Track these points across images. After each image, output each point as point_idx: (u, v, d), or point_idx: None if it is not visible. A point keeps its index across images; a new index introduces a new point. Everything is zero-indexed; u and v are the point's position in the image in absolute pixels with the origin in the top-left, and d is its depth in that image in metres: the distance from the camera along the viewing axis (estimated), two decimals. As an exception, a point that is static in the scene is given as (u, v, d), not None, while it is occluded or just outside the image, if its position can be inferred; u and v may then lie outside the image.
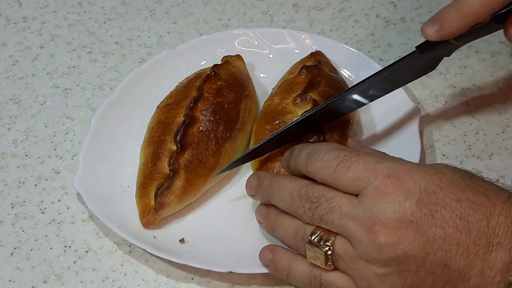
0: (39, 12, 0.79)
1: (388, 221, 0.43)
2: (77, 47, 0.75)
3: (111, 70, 0.73)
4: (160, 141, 0.59)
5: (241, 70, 0.66)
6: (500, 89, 0.68)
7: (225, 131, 0.59)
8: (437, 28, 0.52)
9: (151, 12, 0.79)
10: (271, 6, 0.79)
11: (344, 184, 0.46)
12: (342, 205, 0.45)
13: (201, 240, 0.56)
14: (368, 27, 0.76)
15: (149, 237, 0.56)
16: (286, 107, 0.60)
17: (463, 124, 0.65)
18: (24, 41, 0.76)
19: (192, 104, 0.60)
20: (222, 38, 0.71)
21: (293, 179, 0.50)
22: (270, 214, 0.53)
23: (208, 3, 0.80)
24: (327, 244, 0.46)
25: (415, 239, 0.43)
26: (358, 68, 0.67)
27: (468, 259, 0.42)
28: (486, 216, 0.43)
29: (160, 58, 0.68)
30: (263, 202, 0.54)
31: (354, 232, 0.44)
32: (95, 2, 0.80)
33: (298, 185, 0.49)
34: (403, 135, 0.61)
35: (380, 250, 0.43)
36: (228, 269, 0.53)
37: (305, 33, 0.71)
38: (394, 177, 0.44)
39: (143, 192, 0.57)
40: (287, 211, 0.50)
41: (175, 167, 0.57)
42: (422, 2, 0.78)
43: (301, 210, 0.48)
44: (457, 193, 0.43)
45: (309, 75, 0.62)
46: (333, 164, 0.47)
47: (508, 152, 0.63)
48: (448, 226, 0.42)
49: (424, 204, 0.43)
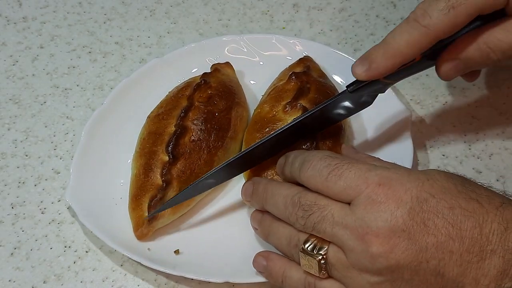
0: (39, 12, 0.79)
1: (379, 230, 0.43)
2: (77, 47, 0.75)
3: (111, 70, 0.73)
4: (151, 152, 0.58)
5: (231, 78, 0.66)
6: (500, 89, 0.68)
7: (217, 140, 0.59)
8: (366, 68, 0.52)
9: (151, 12, 0.79)
10: (271, 6, 0.79)
11: (336, 192, 0.46)
12: (334, 214, 0.45)
13: (196, 251, 0.56)
14: (368, 27, 0.76)
15: (144, 249, 0.55)
16: (276, 114, 0.59)
17: (463, 124, 0.65)
18: (24, 41, 0.76)
19: (183, 113, 0.59)
20: (211, 45, 0.70)
21: (287, 186, 0.50)
22: (265, 221, 0.52)
23: (208, 3, 0.80)
24: (320, 253, 0.46)
25: (407, 248, 0.42)
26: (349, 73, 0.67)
27: (461, 267, 0.42)
28: (479, 223, 0.42)
29: (148, 67, 0.68)
30: (258, 208, 0.54)
31: (346, 241, 0.44)
32: (95, 2, 0.80)
33: (291, 192, 0.49)
34: (395, 138, 0.61)
35: (372, 260, 0.43)
36: (224, 279, 0.52)
37: (295, 39, 0.70)
38: (386, 185, 0.44)
39: (136, 204, 0.56)
40: (280, 218, 0.50)
41: (168, 178, 0.56)
42: (422, 2, 0.78)
43: (294, 218, 0.48)
44: (449, 200, 0.43)
45: (299, 82, 0.61)
46: (324, 172, 0.46)
47: (508, 152, 0.63)
48: (441, 234, 0.42)
49: (416, 212, 0.43)
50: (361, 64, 0.53)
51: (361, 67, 0.52)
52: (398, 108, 0.62)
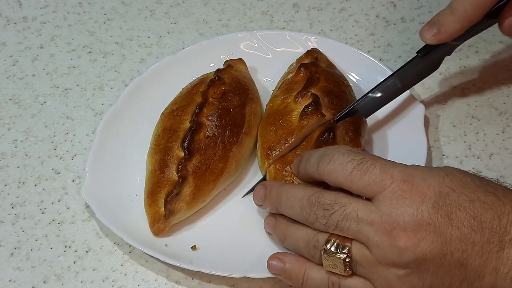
0: (39, 12, 0.79)
1: (406, 224, 0.44)
2: (77, 47, 0.75)
3: (111, 70, 0.73)
4: (167, 148, 0.58)
5: (244, 74, 0.66)
6: (500, 89, 0.68)
7: (232, 136, 0.59)
8: (435, 32, 0.56)
9: (151, 12, 0.79)
10: (271, 6, 0.79)
11: (360, 187, 0.46)
12: (358, 211, 0.46)
13: (212, 246, 0.56)
14: (368, 27, 0.76)
15: (161, 245, 0.56)
16: (288, 106, 0.60)
17: (463, 124, 0.65)
18: (24, 41, 0.76)
19: (197, 109, 0.59)
20: (225, 42, 0.70)
21: (301, 187, 0.51)
22: (280, 225, 0.53)
23: (208, 3, 0.80)
24: (344, 251, 0.46)
25: (433, 240, 0.43)
26: (363, 69, 0.67)
27: (483, 257, 0.43)
28: (498, 215, 0.43)
29: (161, 65, 0.68)
30: (271, 211, 0.54)
31: (372, 237, 0.45)
32: (95, 2, 0.80)
33: (307, 192, 0.49)
34: (409, 133, 0.62)
35: (400, 253, 0.44)
36: (242, 274, 0.52)
37: (308, 35, 0.71)
38: (409, 182, 0.45)
39: (152, 200, 0.57)
40: (296, 220, 0.50)
41: (184, 174, 0.56)
42: (422, 2, 0.78)
43: (313, 218, 0.48)
44: (469, 194, 0.44)
45: (307, 73, 0.62)
46: (349, 167, 0.47)
47: (508, 152, 0.63)
48: (464, 226, 0.43)
49: (440, 206, 0.44)
50: (430, 29, 0.56)
51: (430, 31, 0.56)
52: (411, 102, 0.63)
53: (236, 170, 0.60)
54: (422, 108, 0.63)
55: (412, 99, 0.63)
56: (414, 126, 0.62)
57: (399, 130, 0.63)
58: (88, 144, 0.65)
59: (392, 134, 0.63)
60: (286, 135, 0.58)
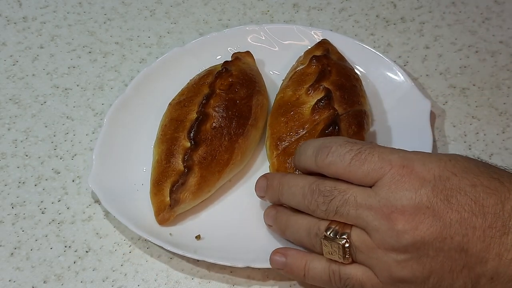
0: (39, 12, 0.79)
1: (405, 208, 0.44)
2: (77, 47, 0.75)
3: (111, 70, 0.73)
4: (173, 138, 0.59)
5: (251, 66, 0.66)
6: (500, 89, 0.68)
7: (238, 127, 0.59)
8: None
9: (151, 12, 0.79)
10: (271, 6, 0.79)
11: (360, 177, 0.46)
12: (357, 196, 0.46)
13: (217, 236, 0.56)
14: (368, 27, 0.76)
15: (166, 234, 0.56)
16: (300, 98, 0.60)
17: (463, 124, 0.65)
18: (24, 41, 0.76)
19: (204, 100, 0.60)
20: (232, 34, 0.71)
21: (302, 176, 0.51)
22: (281, 216, 0.53)
23: (208, 3, 0.80)
24: (344, 237, 0.46)
25: (432, 224, 0.43)
26: (370, 64, 0.67)
27: (485, 242, 0.43)
28: (501, 200, 0.43)
29: (169, 56, 0.69)
30: (273, 202, 0.54)
31: (371, 221, 0.45)
32: (95, 2, 0.80)
33: (308, 181, 0.49)
34: (414, 128, 0.61)
35: (398, 237, 0.44)
36: (245, 264, 0.53)
37: (315, 29, 0.71)
38: (409, 167, 0.45)
39: (157, 189, 0.57)
40: (298, 208, 0.50)
41: (190, 164, 0.57)
42: (422, 2, 0.78)
43: (314, 205, 0.48)
44: (471, 178, 0.44)
45: (320, 65, 0.62)
46: (347, 158, 0.47)
47: (508, 152, 0.63)
48: (464, 210, 0.43)
49: (439, 190, 0.44)
50: None
51: None
52: (417, 98, 0.63)
53: (242, 161, 0.60)
54: (428, 104, 0.62)
55: (418, 94, 0.63)
56: (419, 121, 0.61)
57: (404, 124, 0.62)
58: (88, 144, 0.65)
59: (396, 129, 0.63)
60: (297, 127, 0.58)
